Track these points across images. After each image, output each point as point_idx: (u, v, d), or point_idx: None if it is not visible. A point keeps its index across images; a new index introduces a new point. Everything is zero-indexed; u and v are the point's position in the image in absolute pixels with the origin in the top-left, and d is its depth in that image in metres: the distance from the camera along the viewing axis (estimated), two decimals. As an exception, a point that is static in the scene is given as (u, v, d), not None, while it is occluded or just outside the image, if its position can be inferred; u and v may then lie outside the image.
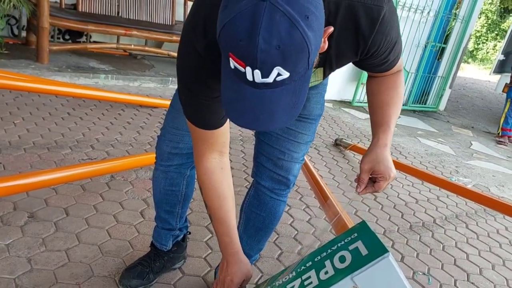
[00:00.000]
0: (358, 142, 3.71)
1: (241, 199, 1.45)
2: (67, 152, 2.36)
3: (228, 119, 1.03)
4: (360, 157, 2.86)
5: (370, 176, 1.10)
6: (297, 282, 1.09)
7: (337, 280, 0.98)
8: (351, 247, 1.06)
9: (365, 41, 0.92)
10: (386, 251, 0.96)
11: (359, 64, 1.05)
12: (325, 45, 0.78)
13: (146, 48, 4.30)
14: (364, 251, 1.02)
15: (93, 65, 4.00)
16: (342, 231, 1.37)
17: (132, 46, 4.18)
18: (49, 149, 2.35)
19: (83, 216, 1.83)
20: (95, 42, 4.49)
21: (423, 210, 2.68)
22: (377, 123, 1.12)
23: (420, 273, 1.97)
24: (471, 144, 4.70)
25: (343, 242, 1.10)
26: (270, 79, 0.67)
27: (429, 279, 1.93)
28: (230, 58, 0.68)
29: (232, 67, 0.69)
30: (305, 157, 1.44)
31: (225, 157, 1.09)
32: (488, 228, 2.63)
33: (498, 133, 5.08)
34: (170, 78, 4.18)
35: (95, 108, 3.11)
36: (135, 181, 2.21)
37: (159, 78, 4.12)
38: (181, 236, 1.58)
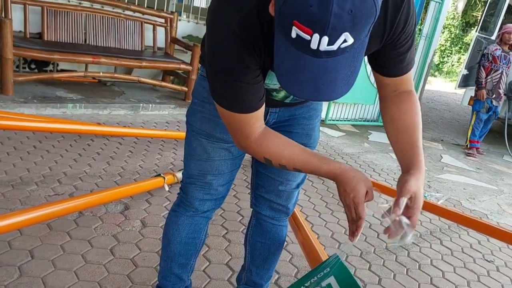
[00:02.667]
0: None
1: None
2: (33, 188, 2.28)
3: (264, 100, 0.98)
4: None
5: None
6: None
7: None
8: (323, 284, 1.05)
9: (391, 24, 0.90)
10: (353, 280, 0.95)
11: (377, 59, 1.00)
12: None
13: (116, 75, 4.24)
14: (336, 288, 1.00)
15: (61, 95, 3.91)
16: (314, 263, 1.36)
17: (101, 74, 4.12)
18: (14, 186, 2.26)
19: (49, 258, 1.75)
20: (62, 70, 4.40)
21: (398, 228, 2.69)
22: (407, 148, 1.02)
23: (398, 295, 1.97)
24: (442, 158, 4.81)
25: (316, 278, 1.09)
26: (335, 46, 0.67)
27: (406, 301, 1.93)
28: (294, 27, 0.67)
29: (294, 35, 0.68)
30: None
31: (263, 126, 1.02)
32: (461, 243, 2.67)
33: (467, 145, 5.22)
34: (141, 104, 4.13)
35: (63, 140, 3.02)
36: (105, 216, 2.14)
37: (129, 104, 4.07)
38: None
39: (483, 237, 2.79)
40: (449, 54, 16.73)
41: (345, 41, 0.67)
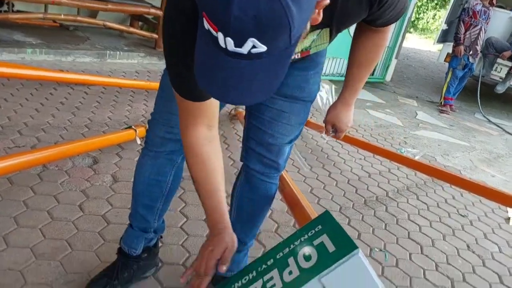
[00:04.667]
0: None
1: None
2: (-10, 139, 2.08)
3: None
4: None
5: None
6: (259, 284, 0.99)
7: (303, 282, 0.88)
8: (316, 242, 0.97)
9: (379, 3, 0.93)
10: (355, 247, 0.88)
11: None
12: (318, 17, 0.68)
13: (79, 18, 3.89)
14: (330, 247, 0.92)
15: (18, 38, 3.58)
16: (303, 221, 1.29)
17: (62, 16, 3.77)
18: (-32, 138, 2.05)
19: (11, 214, 1.60)
20: (18, 11, 4.01)
21: (376, 184, 2.68)
22: (348, 82, 1.29)
23: (377, 250, 1.96)
24: (417, 114, 4.82)
25: (306, 236, 1.01)
26: (244, 50, 0.60)
27: (385, 256, 1.92)
28: (204, 18, 0.62)
29: (206, 28, 0.62)
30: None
31: (213, 130, 1.02)
32: (437, 198, 2.69)
33: (441, 102, 5.25)
34: (108, 52, 3.85)
35: (22, 88, 2.77)
36: (72, 170, 1.99)
37: (95, 51, 3.78)
38: (154, 240, 1.42)
39: (457, 192, 2.83)
40: (425, 10, 16.61)
41: (254, 46, 0.60)
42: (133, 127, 2.35)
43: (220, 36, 0.60)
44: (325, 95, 3.43)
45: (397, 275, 1.82)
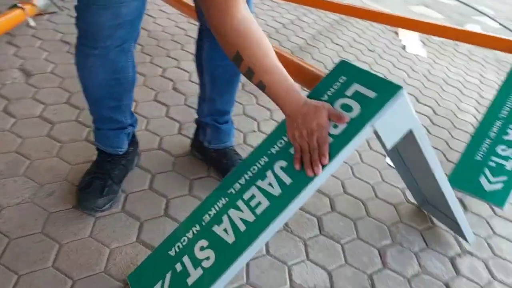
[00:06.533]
0: None
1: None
2: None
3: None
4: None
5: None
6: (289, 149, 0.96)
7: (355, 132, 0.89)
8: (349, 93, 0.96)
9: None
10: (399, 86, 0.90)
11: None
12: None
13: None
14: (369, 93, 0.93)
15: None
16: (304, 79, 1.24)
17: None
18: None
19: None
20: None
21: (293, 34, 2.70)
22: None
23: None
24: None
25: (333, 90, 0.99)
26: None
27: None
28: None
29: None
30: None
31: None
32: (347, 38, 2.85)
33: None
34: None
35: None
36: (-31, 71, 1.57)
37: None
38: (132, 131, 1.26)
39: (360, 30, 3.02)
40: None
41: None
42: (18, 5, 1.88)
43: None
44: None
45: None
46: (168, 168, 1.39)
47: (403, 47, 2.94)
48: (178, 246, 0.98)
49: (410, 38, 3.07)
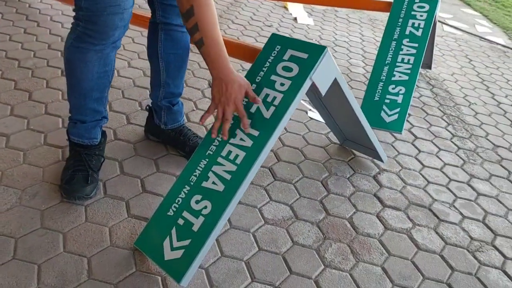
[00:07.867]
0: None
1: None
2: None
3: None
4: None
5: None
6: (253, 107, 1.20)
7: (298, 86, 1.17)
8: (286, 57, 1.23)
9: None
10: (324, 47, 1.19)
11: None
12: None
13: None
14: (302, 55, 1.21)
15: None
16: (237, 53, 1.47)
17: None
18: None
19: None
20: None
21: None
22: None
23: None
24: None
25: (272, 57, 1.25)
26: None
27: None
28: None
29: None
30: None
31: None
32: (245, 17, 3.12)
33: None
34: None
35: None
36: None
37: None
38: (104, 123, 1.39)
39: (254, 9, 3.31)
40: None
41: None
42: None
43: None
44: None
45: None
46: (131, 154, 1.54)
47: (295, 19, 3.31)
48: (175, 206, 1.16)
49: (298, 11, 3.46)
